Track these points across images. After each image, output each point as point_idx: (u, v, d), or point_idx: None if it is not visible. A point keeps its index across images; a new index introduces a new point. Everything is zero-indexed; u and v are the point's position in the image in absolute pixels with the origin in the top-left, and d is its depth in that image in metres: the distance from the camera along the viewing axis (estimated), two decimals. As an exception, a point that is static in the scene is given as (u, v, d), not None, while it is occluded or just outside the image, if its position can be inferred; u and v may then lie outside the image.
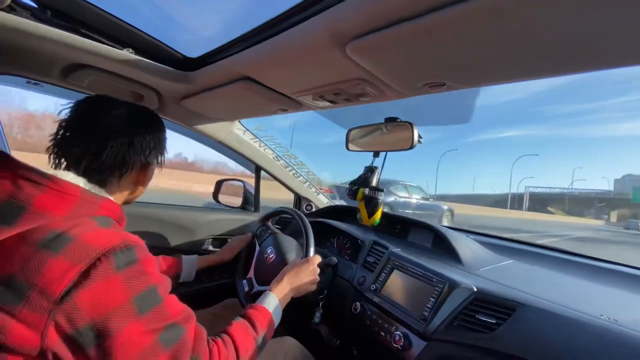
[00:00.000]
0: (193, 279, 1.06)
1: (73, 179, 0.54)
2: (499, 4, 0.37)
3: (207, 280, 1.39)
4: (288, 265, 0.89)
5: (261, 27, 0.68)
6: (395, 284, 0.94)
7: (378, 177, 0.94)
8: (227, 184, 1.70)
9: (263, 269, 1.04)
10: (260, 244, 1.14)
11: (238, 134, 1.38)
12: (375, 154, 0.94)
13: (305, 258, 0.91)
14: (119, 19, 0.78)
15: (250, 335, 0.65)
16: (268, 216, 1.23)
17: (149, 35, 0.83)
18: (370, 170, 0.94)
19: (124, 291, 0.46)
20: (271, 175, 1.61)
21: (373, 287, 0.97)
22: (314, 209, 1.78)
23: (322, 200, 1.82)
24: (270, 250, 1.05)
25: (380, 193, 0.92)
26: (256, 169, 1.62)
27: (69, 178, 0.54)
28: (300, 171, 1.70)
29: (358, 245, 1.20)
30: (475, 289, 0.76)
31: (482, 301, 0.74)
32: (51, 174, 0.52)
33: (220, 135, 1.36)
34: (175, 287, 0.97)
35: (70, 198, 0.50)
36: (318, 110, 0.98)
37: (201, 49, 0.87)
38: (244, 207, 1.65)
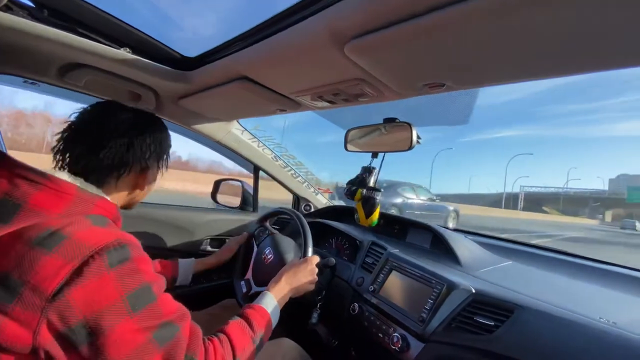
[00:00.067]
0: (190, 282, 1.05)
1: (70, 178, 0.55)
2: (498, 4, 0.37)
3: (205, 280, 1.38)
4: (286, 265, 0.89)
5: (259, 27, 0.67)
6: (394, 285, 0.94)
7: (376, 178, 0.94)
8: (226, 183, 1.70)
9: (261, 269, 1.04)
10: (258, 245, 1.13)
11: (236, 134, 1.38)
12: (374, 155, 0.94)
13: (303, 258, 0.91)
14: (116, 18, 0.78)
15: (247, 335, 0.64)
16: (266, 217, 1.23)
17: (146, 35, 0.83)
18: (367, 170, 0.94)
19: (117, 289, 0.45)
20: (270, 175, 1.61)
21: (371, 288, 0.97)
22: (313, 209, 1.78)
23: (321, 201, 1.81)
24: (269, 250, 1.05)
25: (378, 193, 0.91)
26: (255, 169, 1.62)
27: (66, 177, 0.54)
28: (299, 171, 1.69)
29: (357, 245, 1.20)
30: (473, 291, 0.76)
31: (481, 303, 0.74)
32: (48, 172, 0.52)
33: (219, 135, 1.35)
34: (171, 291, 0.98)
35: (65, 196, 0.50)
36: (317, 111, 0.98)
37: (199, 48, 0.86)
38: (242, 208, 1.64)
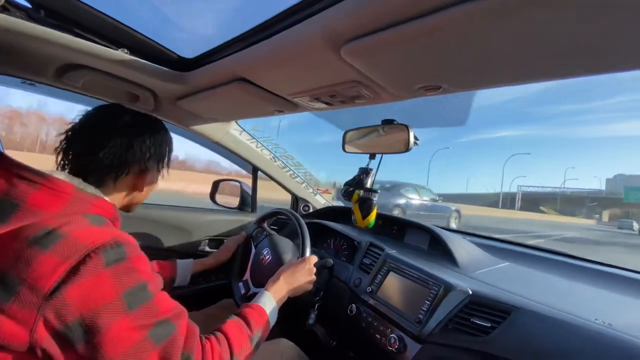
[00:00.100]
0: (188, 282, 1.05)
1: (68, 178, 0.55)
2: (494, 7, 0.37)
3: (203, 281, 1.38)
4: (284, 265, 0.89)
5: (256, 29, 0.67)
6: (391, 286, 0.94)
7: (373, 179, 0.94)
8: (224, 184, 1.70)
9: (259, 270, 1.04)
10: (256, 246, 1.13)
11: (234, 134, 1.38)
12: (372, 156, 0.94)
13: (301, 258, 0.91)
14: (114, 19, 0.78)
15: (244, 333, 0.64)
16: (264, 218, 1.23)
17: (144, 36, 0.83)
18: (365, 171, 0.94)
19: (114, 287, 0.46)
20: (268, 176, 1.61)
21: (369, 289, 0.97)
22: (311, 210, 1.78)
23: (320, 201, 1.81)
24: (267, 251, 1.05)
25: (375, 195, 0.92)
26: (253, 170, 1.62)
27: (64, 177, 0.55)
28: (298, 172, 1.69)
29: (355, 246, 1.20)
30: (470, 292, 0.76)
31: (477, 304, 0.74)
32: (47, 172, 0.52)
33: (217, 136, 1.35)
34: (169, 292, 0.98)
35: (63, 196, 0.51)
36: (314, 112, 0.98)
37: (196, 49, 0.86)
38: (241, 208, 1.64)
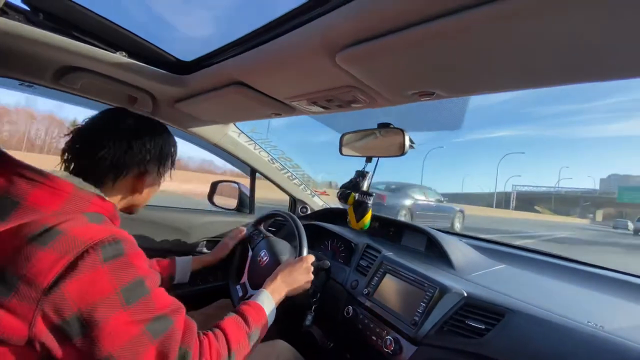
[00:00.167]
0: (188, 280, 1.06)
1: (69, 177, 0.56)
2: (486, 16, 0.38)
3: (201, 282, 1.38)
4: (282, 264, 0.89)
5: (253, 33, 0.68)
6: (388, 288, 0.94)
7: (369, 182, 0.95)
8: (222, 185, 1.70)
9: (257, 271, 1.04)
10: (253, 248, 1.14)
11: (233, 136, 1.38)
12: (368, 159, 0.95)
13: (298, 257, 0.92)
14: (112, 22, 0.78)
15: (242, 330, 0.65)
16: (260, 220, 1.23)
17: (142, 39, 0.83)
18: (361, 174, 0.95)
19: (111, 282, 0.47)
20: (266, 177, 1.61)
21: (365, 291, 0.98)
22: (309, 212, 1.79)
23: (317, 203, 1.82)
24: (264, 253, 1.05)
25: (370, 198, 0.92)
26: (251, 172, 1.62)
27: (65, 176, 0.56)
28: (296, 173, 1.70)
29: (352, 248, 1.20)
30: (465, 294, 0.77)
31: (472, 306, 0.75)
32: (47, 171, 0.53)
33: (215, 138, 1.36)
34: (169, 289, 0.98)
35: (62, 194, 0.52)
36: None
37: (195, 52, 0.86)
38: (239, 209, 1.64)
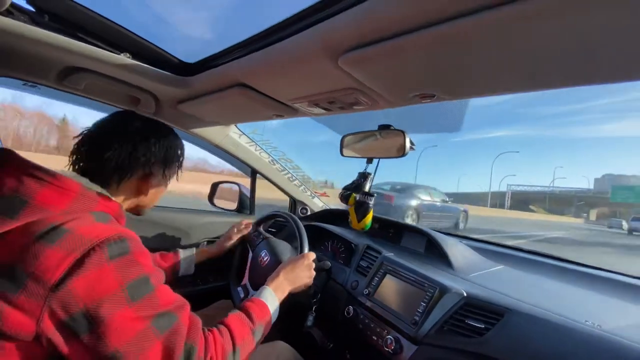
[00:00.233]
0: (193, 272, 1.07)
1: (76, 177, 0.57)
2: (488, 22, 0.38)
3: (201, 282, 1.39)
4: (283, 262, 0.90)
5: (257, 36, 0.69)
6: (388, 289, 0.95)
7: (371, 183, 0.95)
8: (223, 186, 1.71)
9: (258, 272, 1.05)
10: (253, 250, 1.14)
11: (234, 137, 1.39)
12: (369, 160, 0.96)
13: (300, 254, 0.93)
14: (116, 23, 0.79)
15: (246, 326, 0.66)
16: (260, 221, 1.24)
17: (146, 40, 0.84)
18: (363, 176, 0.95)
19: (117, 279, 0.48)
20: (267, 178, 1.62)
21: (366, 292, 0.98)
22: (309, 213, 1.79)
23: (317, 204, 1.83)
24: (264, 253, 1.06)
25: (371, 198, 0.93)
26: (252, 173, 1.63)
27: (72, 176, 0.57)
28: (296, 174, 1.70)
29: (352, 249, 1.21)
30: (465, 294, 0.78)
31: (472, 306, 0.76)
32: (55, 171, 0.54)
33: (217, 139, 1.36)
34: (174, 282, 0.97)
35: (70, 194, 0.53)
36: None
37: (198, 54, 0.87)
38: (239, 210, 1.65)
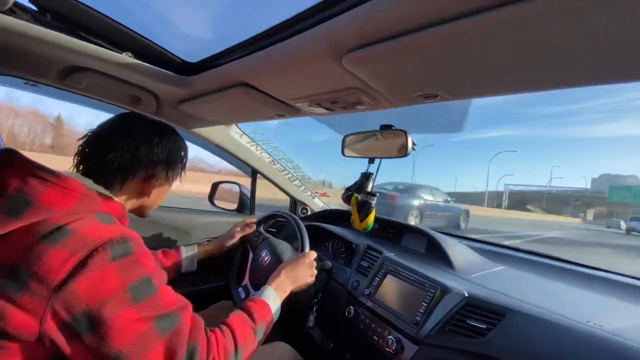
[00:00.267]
0: (195, 268, 1.07)
1: (79, 178, 0.58)
2: (492, 22, 0.39)
3: (201, 282, 1.39)
4: (284, 262, 0.90)
5: (260, 36, 0.69)
6: (389, 289, 0.95)
7: (373, 183, 0.95)
8: (223, 186, 1.70)
9: (258, 272, 1.05)
10: (254, 250, 1.14)
11: (235, 137, 1.39)
12: (371, 160, 0.96)
13: (301, 253, 0.93)
14: (118, 22, 0.79)
15: (248, 326, 0.66)
16: (260, 222, 1.24)
17: (148, 39, 0.84)
18: (365, 176, 0.96)
19: (119, 280, 0.48)
20: (267, 178, 1.62)
21: (367, 292, 0.98)
22: (310, 213, 1.79)
23: (318, 204, 1.83)
24: (265, 253, 1.06)
25: (373, 198, 0.93)
26: (252, 173, 1.63)
27: (76, 176, 0.57)
28: (296, 175, 1.70)
29: (353, 249, 1.21)
30: (466, 294, 0.78)
31: (473, 306, 0.76)
32: (59, 172, 0.54)
33: (217, 138, 1.36)
34: (177, 280, 0.99)
35: (74, 194, 0.53)
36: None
37: (200, 54, 0.87)
38: (239, 210, 1.65)
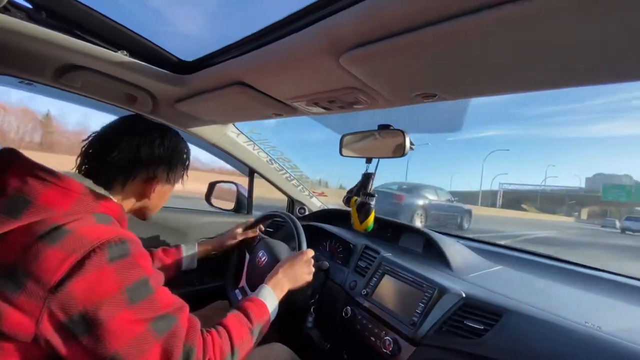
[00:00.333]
0: (196, 266, 1.07)
1: (79, 178, 0.58)
2: (491, 21, 0.38)
3: (198, 283, 1.38)
4: (282, 260, 0.89)
5: (257, 34, 0.68)
6: (386, 289, 0.95)
7: (371, 184, 0.96)
8: (220, 186, 1.70)
9: (255, 272, 1.04)
10: (250, 251, 1.13)
11: (232, 136, 1.38)
12: (368, 160, 0.96)
13: (299, 251, 0.92)
14: (114, 21, 0.78)
15: (245, 326, 0.66)
16: (256, 222, 1.23)
17: (144, 38, 0.83)
18: (366, 177, 0.96)
19: (116, 282, 0.48)
20: (264, 178, 1.61)
21: (364, 292, 0.98)
22: (307, 212, 1.79)
23: (315, 204, 1.82)
24: (262, 253, 1.05)
25: (372, 199, 0.93)
26: (250, 172, 1.62)
27: (76, 177, 0.57)
28: (294, 174, 1.70)
29: (350, 249, 1.21)
30: (464, 295, 0.78)
31: (471, 307, 0.75)
32: (59, 172, 0.54)
33: (214, 138, 1.35)
34: (177, 278, 1.00)
35: (73, 195, 0.53)
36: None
37: (196, 53, 0.86)
38: (236, 210, 1.64)
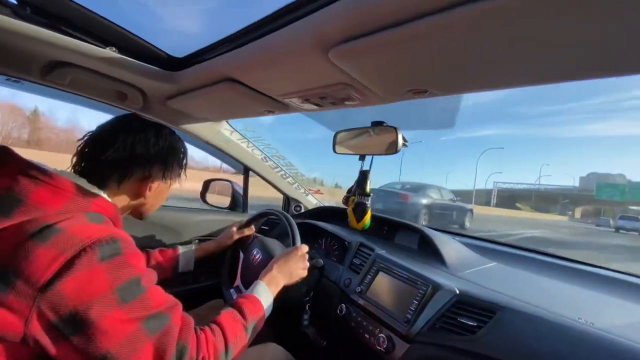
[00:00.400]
0: (193, 268, 1.06)
1: (73, 177, 0.57)
2: (480, 14, 0.37)
3: (193, 282, 1.37)
4: (276, 256, 0.89)
5: (246, 29, 0.67)
6: (380, 286, 0.94)
7: (368, 182, 0.95)
8: (215, 184, 1.69)
9: (250, 270, 1.04)
10: (245, 250, 1.13)
11: (225, 134, 1.37)
12: (361, 157, 0.95)
13: (293, 247, 0.92)
14: (101, 16, 0.77)
15: (239, 323, 0.66)
16: (251, 220, 1.23)
17: (133, 34, 0.82)
18: (363, 174, 0.95)
19: (107, 281, 0.47)
20: (259, 176, 1.60)
21: (358, 289, 0.98)
22: (303, 210, 1.78)
23: (311, 201, 1.82)
24: (256, 251, 1.05)
25: (367, 199, 0.93)
26: (244, 170, 1.61)
27: (69, 176, 0.56)
28: (289, 172, 1.69)
29: (345, 246, 1.20)
30: (457, 292, 0.78)
31: (464, 303, 0.75)
32: (51, 170, 0.54)
33: (208, 135, 1.34)
34: (174, 278, 1.01)
35: (64, 194, 0.52)
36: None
37: (186, 49, 0.85)
38: (232, 208, 1.63)
